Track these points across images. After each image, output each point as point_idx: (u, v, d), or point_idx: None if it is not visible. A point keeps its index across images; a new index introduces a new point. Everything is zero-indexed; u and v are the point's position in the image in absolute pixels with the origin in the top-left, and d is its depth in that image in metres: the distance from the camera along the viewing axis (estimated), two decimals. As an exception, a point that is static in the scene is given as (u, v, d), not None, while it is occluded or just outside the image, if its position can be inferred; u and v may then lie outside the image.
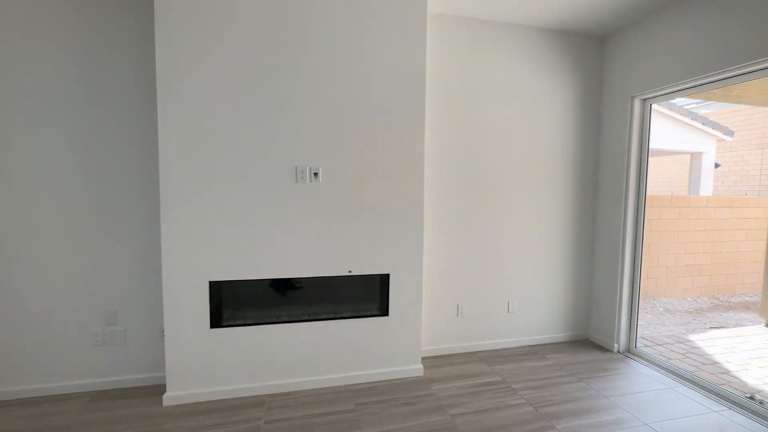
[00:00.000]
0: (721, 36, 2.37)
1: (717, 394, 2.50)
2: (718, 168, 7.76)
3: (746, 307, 5.13)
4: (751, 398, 2.52)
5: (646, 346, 3.50)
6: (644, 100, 2.98)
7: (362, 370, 2.61)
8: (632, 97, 2.98)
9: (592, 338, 3.37)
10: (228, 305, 2.48)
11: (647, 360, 2.99)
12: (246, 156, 2.31)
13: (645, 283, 5.42)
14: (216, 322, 2.37)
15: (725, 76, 2.42)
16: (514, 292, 3.22)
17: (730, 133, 7.39)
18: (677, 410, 2.32)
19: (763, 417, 2.24)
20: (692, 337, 3.81)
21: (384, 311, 2.64)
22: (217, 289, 2.37)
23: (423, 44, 2.54)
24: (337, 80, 2.42)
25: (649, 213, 5.46)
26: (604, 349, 3.20)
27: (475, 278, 3.11)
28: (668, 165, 10.10)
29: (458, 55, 2.92)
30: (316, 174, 2.41)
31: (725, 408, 2.35)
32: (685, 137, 7.02)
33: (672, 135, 7.02)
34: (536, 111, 3.14)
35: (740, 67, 2.29)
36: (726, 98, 4.01)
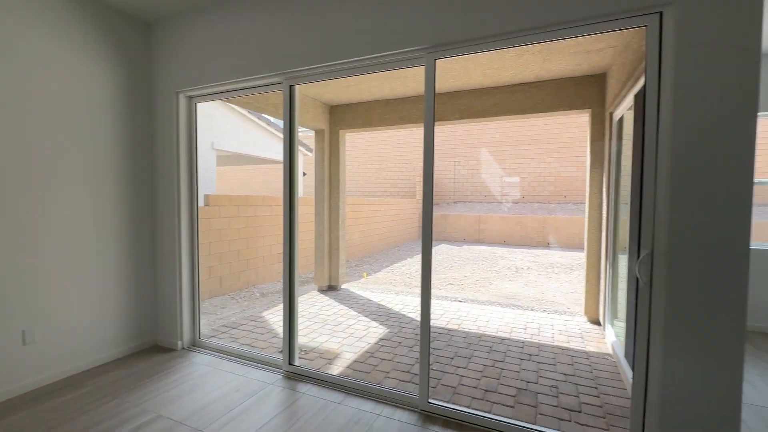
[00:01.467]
0: (250, 47, 2.62)
1: (253, 360, 2.92)
2: (305, 176, 10.11)
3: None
4: (281, 352, 3.14)
5: (223, 332, 3.74)
6: (190, 97, 3.07)
7: None
8: (177, 93, 2.98)
9: (159, 342, 3.17)
10: None
11: (208, 348, 3.12)
12: None
13: (246, 274, 6.04)
14: None
15: (243, 86, 2.79)
16: (41, 315, 2.46)
17: (311, 150, 9.80)
18: (210, 388, 2.47)
19: (276, 366, 2.79)
20: (266, 312, 4.51)
21: None
22: None
23: None
24: None
25: (246, 211, 6.15)
26: (168, 349, 3.08)
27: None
28: (276, 172, 12.23)
29: None
30: None
31: (254, 369, 2.76)
32: (280, 149, 8.61)
33: (270, 147, 8.42)
34: (70, 93, 2.52)
35: (251, 80, 2.65)
36: (258, 108, 4.90)
